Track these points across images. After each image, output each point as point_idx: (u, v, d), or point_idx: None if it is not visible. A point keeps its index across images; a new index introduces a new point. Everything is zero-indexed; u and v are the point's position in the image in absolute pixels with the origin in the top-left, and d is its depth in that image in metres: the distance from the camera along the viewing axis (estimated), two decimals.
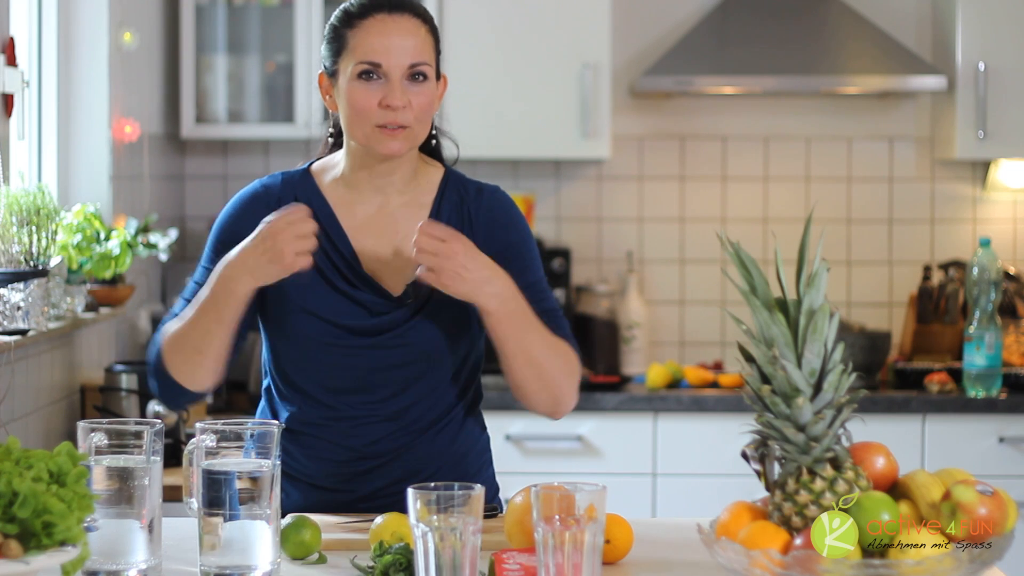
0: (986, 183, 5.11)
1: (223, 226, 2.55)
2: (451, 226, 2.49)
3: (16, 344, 3.26)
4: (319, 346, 2.50)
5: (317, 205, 2.53)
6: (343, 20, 2.49)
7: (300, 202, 2.50)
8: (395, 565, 2.02)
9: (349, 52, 2.47)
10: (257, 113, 4.94)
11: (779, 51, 4.83)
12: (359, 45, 2.46)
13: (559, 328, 2.54)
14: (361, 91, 2.45)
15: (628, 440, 4.55)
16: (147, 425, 2.02)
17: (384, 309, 2.51)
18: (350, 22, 2.48)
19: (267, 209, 2.48)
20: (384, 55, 2.45)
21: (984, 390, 4.55)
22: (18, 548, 1.63)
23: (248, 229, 2.44)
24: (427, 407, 2.55)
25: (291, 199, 2.53)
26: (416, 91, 2.46)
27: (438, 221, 2.50)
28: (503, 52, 4.79)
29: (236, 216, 2.54)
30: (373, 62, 2.45)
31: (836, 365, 1.95)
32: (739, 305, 4.85)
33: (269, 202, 2.53)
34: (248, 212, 2.52)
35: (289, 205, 2.44)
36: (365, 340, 2.50)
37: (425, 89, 2.47)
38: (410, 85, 2.46)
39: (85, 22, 4.19)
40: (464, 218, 2.56)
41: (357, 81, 2.45)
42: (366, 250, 2.53)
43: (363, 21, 2.46)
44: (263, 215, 2.43)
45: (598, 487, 1.90)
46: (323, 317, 2.50)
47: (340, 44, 2.48)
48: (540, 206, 5.13)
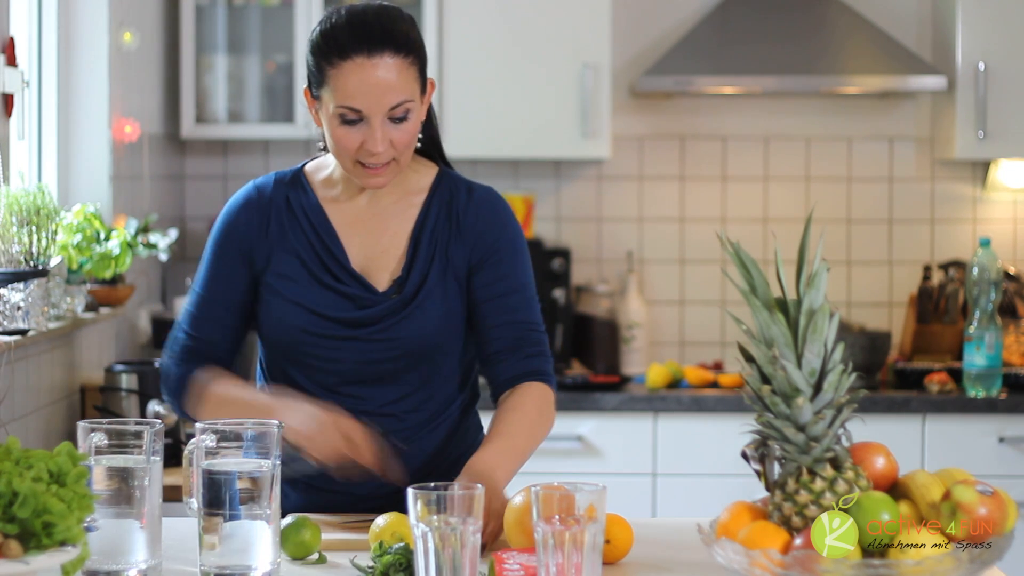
0: (986, 183, 5.11)
1: (221, 232, 2.60)
2: (439, 223, 2.55)
3: (16, 344, 3.26)
4: (308, 337, 2.53)
5: (307, 202, 2.57)
6: (323, 52, 2.43)
7: (291, 202, 2.55)
8: (395, 565, 2.02)
9: (330, 90, 2.43)
10: (257, 113, 4.94)
11: (779, 51, 4.83)
12: (338, 88, 2.41)
13: (532, 346, 2.56)
14: (342, 132, 2.44)
15: (628, 440, 4.55)
16: (147, 425, 2.02)
17: (370, 303, 2.53)
18: (330, 58, 2.42)
19: (260, 212, 2.55)
20: (363, 100, 2.41)
21: (984, 390, 4.55)
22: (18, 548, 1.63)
23: (244, 232, 2.54)
24: (419, 403, 2.57)
25: (282, 201, 2.57)
26: (398, 129, 2.44)
27: (427, 219, 2.55)
28: (503, 52, 4.79)
29: (232, 222, 2.59)
30: (352, 108, 2.42)
31: (836, 365, 1.95)
32: (739, 305, 4.85)
33: (262, 204, 2.57)
34: (243, 216, 2.58)
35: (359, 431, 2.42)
36: (351, 331, 2.53)
37: (407, 126, 2.45)
38: (392, 125, 2.44)
39: (85, 22, 4.19)
40: (452, 218, 2.57)
41: (337, 120, 2.43)
42: (355, 247, 2.56)
43: (343, 63, 2.41)
44: (257, 218, 2.54)
45: (598, 487, 1.90)
46: (310, 309, 2.53)
47: (321, 76, 2.44)
48: (540, 206, 5.13)
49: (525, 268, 2.59)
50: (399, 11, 2.50)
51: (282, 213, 2.57)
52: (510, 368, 2.55)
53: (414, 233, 2.56)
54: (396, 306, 2.53)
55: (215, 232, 2.60)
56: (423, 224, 2.56)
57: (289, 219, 2.56)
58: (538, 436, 2.54)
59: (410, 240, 2.56)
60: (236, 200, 2.60)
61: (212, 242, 2.60)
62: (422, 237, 2.56)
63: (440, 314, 2.54)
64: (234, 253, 2.57)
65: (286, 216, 2.57)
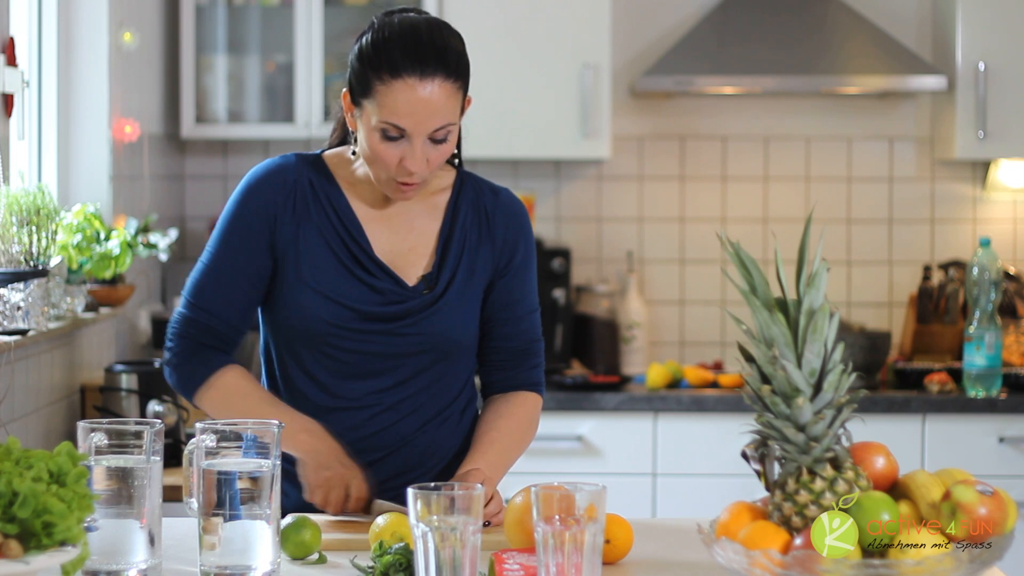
0: (986, 183, 5.11)
1: (244, 199, 2.53)
2: (468, 223, 2.58)
3: (16, 344, 3.26)
4: (332, 328, 2.51)
5: (333, 193, 2.55)
6: (372, 64, 2.42)
7: (315, 186, 2.53)
8: (395, 565, 2.02)
9: (375, 103, 2.42)
10: (257, 113, 4.94)
11: (779, 51, 4.83)
12: (385, 104, 2.40)
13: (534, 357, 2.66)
14: (382, 146, 2.43)
15: (628, 440, 4.55)
16: (147, 425, 2.02)
17: (400, 298, 2.53)
18: (380, 74, 2.41)
19: (286, 188, 2.52)
20: (409, 121, 2.41)
21: (984, 390, 4.55)
22: (18, 548, 1.63)
23: (270, 204, 2.51)
24: (429, 398, 2.58)
25: (306, 182, 2.54)
26: (436, 150, 2.45)
27: (455, 219, 2.58)
28: (503, 52, 4.79)
29: (257, 189, 2.53)
30: (397, 126, 2.41)
31: (836, 365, 1.95)
32: (739, 305, 4.85)
33: (287, 180, 2.53)
34: (270, 187, 2.52)
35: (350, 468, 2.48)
36: (377, 326, 2.53)
37: (445, 147, 2.46)
38: (431, 146, 2.44)
39: (85, 22, 4.19)
40: (481, 215, 2.60)
41: (378, 135, 2.43)
42: (381, 242, 2.56)
43: (394, 81, 2.39)
44: (283, 193, 2.51)
45: (598, 487, 1.90)
46: (337, 300, 2.51)
47: (367, 88, 2.43)
48: (540, 206, 5.13)
49: (535, 276, 2.67)
50: (450, 28, 2.50)
51: (307, 192, 2.53)
52: (510, 379, 2.65)
53: (443, 231, 2.57)
54: (426, 302, 2.54)
55: (235, 202, 2.53)
56: (452, 223, 2.58)
57: (314, 200, 2.53)
58: (524, 444, 2.65)
59: (439, 239, 2.57)
60: (260, 172, 2.54)
61: (230, 212, 2.53)
62: (452, 236, 2.57)
63: (466, 311, 2.57)
64: (256, 226, 2.51)
65: (311, 196, 2.53)
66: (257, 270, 2.52)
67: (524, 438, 2.63)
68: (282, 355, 2.58)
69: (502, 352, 2.64)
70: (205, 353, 2.54)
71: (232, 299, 2.52)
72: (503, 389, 2.65)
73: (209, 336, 2.54)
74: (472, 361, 2.65)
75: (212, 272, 2.53)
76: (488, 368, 2.66)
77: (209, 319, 2.53)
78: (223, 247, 2.53)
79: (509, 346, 2.63)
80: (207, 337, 2.54)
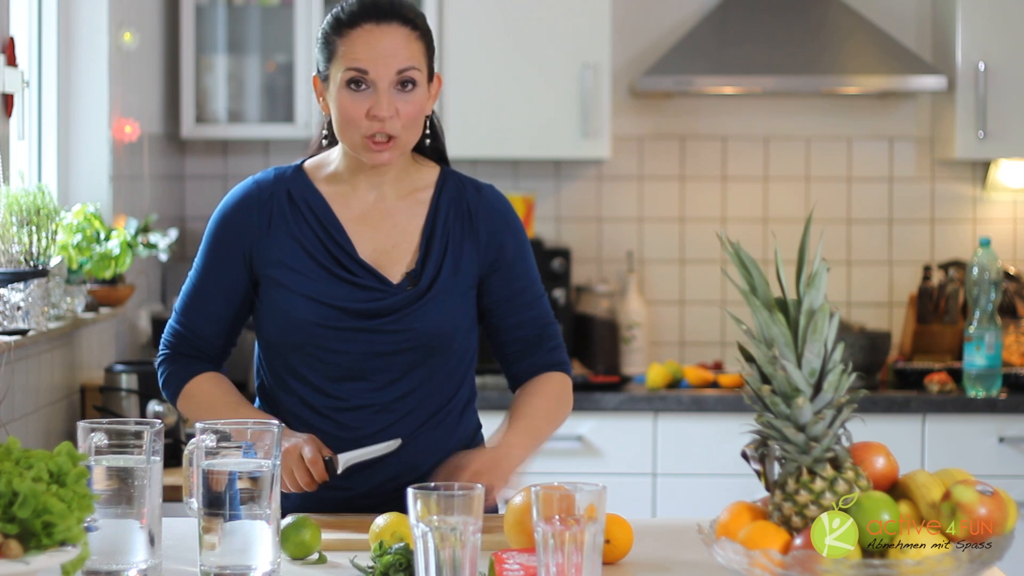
0: (986, 183, 5.11)
1: (217, 227, 2.62)
2: (450, 219, 2.59)
3: (16, 344, 3.26)
4: (318, 329, 2.54)
5: (312, 200, 2.59)
6: (333, 27, 2.53)
7: (293, 197, 2.58)
8: (395, 565, 2.02)
9: (338, 59, 2.51)
10: (257, 113, 4.94)
11: (779, 51, 4.83)
12: (347, 53, 2.49)
13: (551, 340, 2.67)
14: (349, 100, 2.50)
15: (628, 440, 4.55)
16: (147, 425, 2.02)
17: (383, 295, 2.55)
18: (340, 30, 2.51)
19: (260, 209, 2.58)
20: (371, 63, 2.48)
21: (984, 390, 4.55)
22: (18, 548, 1.63)
23: (242, 227, 2.57)
24: (424, 398, 2.59)
25: (284, 195, 2.59)
26: (404, 99, 2.50)
27: (437, 215, 2.59)
28: (503, 52, 4.79)
29: (229, 219, 2.60)
30: (360, 69, 2.48)
31: (836, 365, 1.95)
32: (739, 305, 4.85)
33: (262, 200, 2.59)
34: (240, 215, 2.59)
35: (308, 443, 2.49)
36: (364, 323, 2.54)
37: (414, 97, 2.51)
38: (398, 94, 2.50)
39: (85, 22, 4.19)
40: (463, 212, 2.61)
41: (345, 89, 2.50)
42: (364, 242, 2.58)
43: (352, 30, 2.50)
44: (256, 216, 2.57)
45: (598, 487, 1.90)
46: (321, 300, 2.54)
47: (330, 51, 2.52)
48: (540, 206, 5.13)
49: (533, 264, 2.69)
50: None
51: (284, 206, 2.58)
52: (532, 365, 2.67)
53: (426, 228, 2.59)
54: (411, 298, 2.55)
55: (212, 226, 2.62)
56: (434, 220, 2.60)
57: (292, 211, 2.58)
58: (557, 419, 2.66)
59: (422, 235, 2.59)
60: (233, 196, 2.62)
61: (208, 236, 2.62)
62: (435, 232, 2.59)
63: (452, 307, 2.57)
64: (230, 250, 2.59)
65: (288, 209, 2.58)
66: (234, 287, 2.60)
67: (554, 413, 2.65)
68: (273, 363, 2.61)
69: (517, 343, 2.66)
70: (184, 361, 2.65)
71: (211, 315, 2.62)
72: (528, 376, 2.67)
73: (190, 347, 2.64)
74: (467, 359, 2.64)
75: (193, 290, 2.64)
76: (508, 361, 2.68)
77: (191, 333, 2.63)
78: (202, 266, 2.63)
79: (522, 335, 2.65)
80: (188, 348, 2.64)
